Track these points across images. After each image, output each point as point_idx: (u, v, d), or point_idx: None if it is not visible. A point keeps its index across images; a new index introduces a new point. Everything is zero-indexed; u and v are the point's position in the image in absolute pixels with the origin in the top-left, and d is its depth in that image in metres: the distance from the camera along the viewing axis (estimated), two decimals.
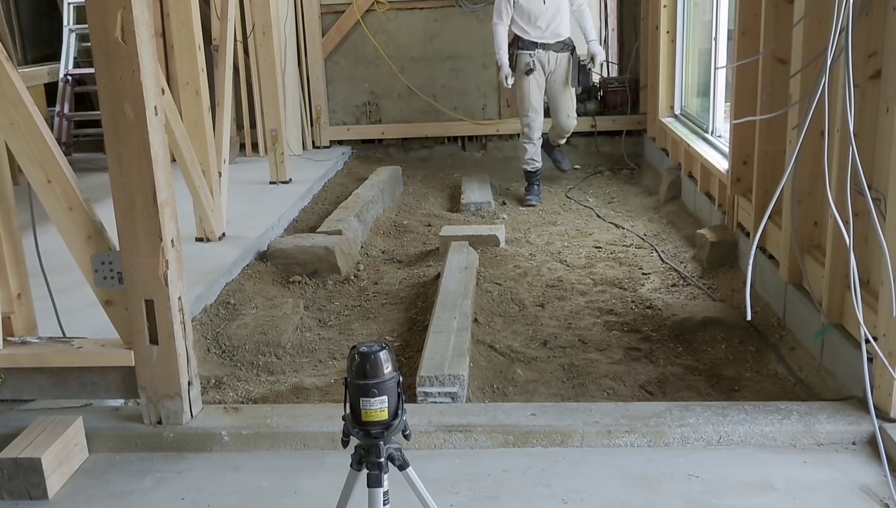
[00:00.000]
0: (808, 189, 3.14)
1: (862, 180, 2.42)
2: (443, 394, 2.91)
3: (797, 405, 2.69)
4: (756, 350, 3.42)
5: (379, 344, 1.78)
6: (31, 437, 2.53)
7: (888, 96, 2.53)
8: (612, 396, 3.12)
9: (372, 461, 1.79)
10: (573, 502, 2.33)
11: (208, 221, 4.60)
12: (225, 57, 5.34)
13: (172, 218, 2.62)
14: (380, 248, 5.18)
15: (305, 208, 5.92)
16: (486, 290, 4.13)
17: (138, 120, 2.45)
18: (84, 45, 7.07)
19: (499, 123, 7.70)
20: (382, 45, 7.64)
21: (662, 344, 3.55)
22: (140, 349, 2.65)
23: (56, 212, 2.64)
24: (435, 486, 2.31)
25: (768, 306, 3.68)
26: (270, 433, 2.67)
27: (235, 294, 4.12)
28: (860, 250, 2.58)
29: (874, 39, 2.63)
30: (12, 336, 2.81)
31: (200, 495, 2.45)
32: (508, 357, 3.45)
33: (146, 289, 2.59)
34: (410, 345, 3.62)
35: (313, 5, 7.55)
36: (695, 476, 2.42)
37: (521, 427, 2.62)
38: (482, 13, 7.50)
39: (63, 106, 6.94)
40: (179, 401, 2.68)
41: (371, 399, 1.74)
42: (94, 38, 2.42)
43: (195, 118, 4.50)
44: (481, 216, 5.82)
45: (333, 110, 7.89)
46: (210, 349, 3.63)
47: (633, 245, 4.97)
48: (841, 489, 2.33)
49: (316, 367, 3.55)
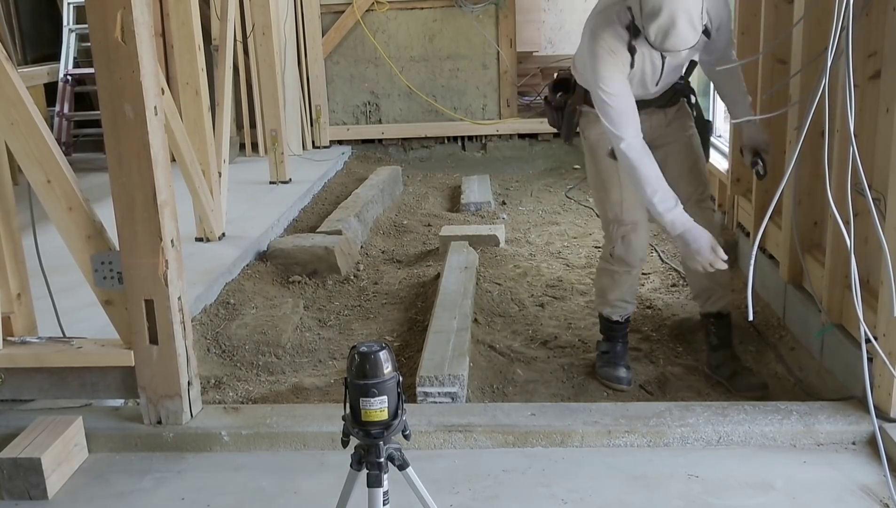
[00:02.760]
0: (808, 189, 3.13)
1: (862, 180, 2.42)
2: (443, 394, 2.91)
3: (797, 405, 2.68)
4: (756, 350, 3.42)
5: (379, 344, 1.77)
6: (31, 437, 2.52)
7: (888, 96, 2.52)
8: (611, 396, 3.12)
9: (372, 461, 1.79)
10: (573, 502, 2.33)
11: (208, 221, 4.60)
12: (225, 57, 5.35)
13: (172, 218, 2.62)
14: (380, 248, 5.17)
15: (305, 208, 5.92)
16: (486, 290, 4.13)
17: (138, 120, 2.45)
18: (84, 45, 7.05)
19: (499, 122, 7.70)
20: (382, 44, 7.64)
21: (662, 344, 3.55)
22: (140, 349, 2.65)
23: (56, 212, 2.63)
24: (435, 486, 2.31)
25: (768, 306, 3.68)
26: (270, 433, 2.67)
27: (235, 294, 4.12)
28: (860, 250, 2.58)
29: (874, 39, 2.63)
30: (12, 336, 2.81)
31: (200, 495, 2.44)
32: (508, 357, 3.45)
33: (146, 289, 2.59)
34: (410, 345, 3.62)
35: (313, 5, 7.55)
36: (694, 476, 2.42)
37: (521, 427, 2.62)
38: (482, 13, 7.51)
39: (63, 106, 6.93)
40: (179, 401, 2.68)
41: (371, 399, 1.74)
42: (94, 38, 2.42)
43: (195, 118, 4.50)
44: (481, 216, 5.82)
45: (333, 110, 7.89)
46: (210, 349, 3.63)
47: None
48: (841, 489, 2.33)
49: (316, 367, 3.55)
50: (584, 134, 3.11)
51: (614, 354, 3.25)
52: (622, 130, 2.72)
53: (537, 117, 7.92)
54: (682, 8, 2.49)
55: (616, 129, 2.73)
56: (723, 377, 3.16)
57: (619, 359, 3.24)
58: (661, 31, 2.53)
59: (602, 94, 2.73)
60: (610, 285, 3.19)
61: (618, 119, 2.73)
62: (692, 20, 2.52)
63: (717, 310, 3.20)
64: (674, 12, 2.49)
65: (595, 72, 2.74)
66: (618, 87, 2.73)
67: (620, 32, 2.69)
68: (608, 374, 3.20)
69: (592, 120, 2.98)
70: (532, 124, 7.75)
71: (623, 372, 3.19)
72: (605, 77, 2.72)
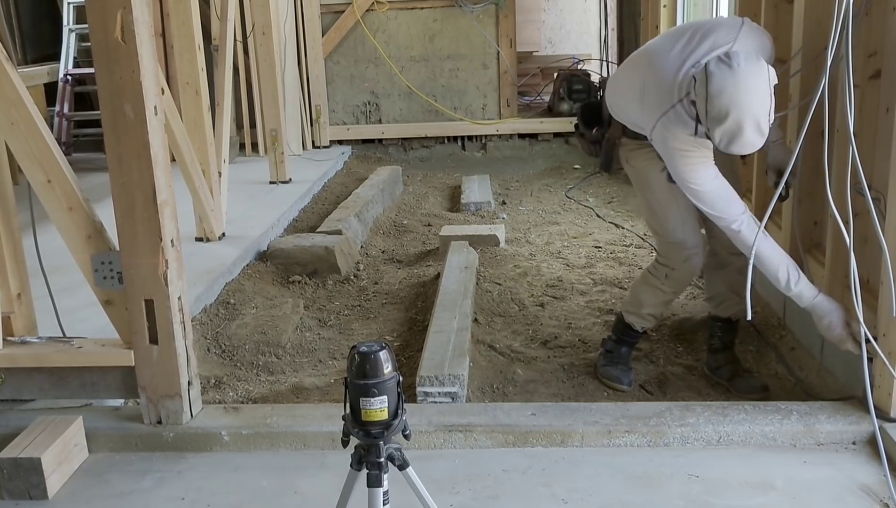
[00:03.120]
0: (808, 189, 3.13)
1: (862, 180, 2.42)
2: (443, 394, 2.91)
3: (797, 405, 2.68)
4: (756, 350, 3.42)
5: (379, 344, 1.77)
6: (31, 437, 2.52)
7: (888, 96, 2.52)
8: (611, 396, 3.12)
9: (372, 461, 1.79)
10: (573, 502, 2.33)
11: (208, 221, 4.60)
12: (225, 57, 5.35)
13: (172, 218, 2.62)
14: (380, 248, 5.18)
15: (305, 207, 5.92)
16: (486, 290, 4.13)
17: (138, 120, 2.45)
18: (84, 45, 7.06)
19: (499, 122, 7.70)
20: (382, 44, 7.65)
21: (662, 344, 3.55)
22: (140, 348, 2.65)
23: (56, 212, 2.63)
24: (435, 486, 2.31)
25: (768, 306, 3.68)
26: (270, 433, 2.67)
27: (235, 294, 4.12)
28: (860, 250, 2.58)
29: (874, 39, 2.63)
30: (12, 336, 2.81)
31: (200, 495, 2.44)
32: (508, 357, 3.45)
33: (146, 289, 2.59)
34: (410, 345, 3.62)
35: (313, 5, 7.55)
36: (695, 476, 2.42)
37: (521, 427, 2.62)
38: (482, 13, 7.51)
39: (63, 106, 6.94)
40: (179, 401, 2.68)
41: (371, 399, 1.74)
42: (94, 39, 2.42)
43: (195, 118, 4.50)
44: (481, 216, 5.82)
45: (333, 110, 7.89)
46: (210, 348, 3.63)
47: (633, 245, 4.97)
48: (841, 489, 2.33)
49: (316, 367, 3.55)
50: (630, 163, 3.01)
51: (618, 355, 3.25)
52: (728, 212, 2.64)
53: (537, 117, 7.93)
54: (749, 114, 2.35)
55: (721, 213, 2.65)
56: (723, 378, 3.16)
57: (622, 361, 3.24)
58: (726, 136, 2.40)
59: (695, 186, 2.64)
60: (651, 302, 3.14)
61: (720, 204, 2.65)
62: (759, 125, 2.38)
63: (727, 316, 3.18)
64: (740, 119, 2.35)
65: (679, 170, 2.65)
66: (707, 174, 2.64)
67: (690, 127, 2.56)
68: (610, 374, 3.21)
69: (635, 148, 2.94)
70: (532, 124, 7.76)
71: (625, 373, 3.20)
72: (692, 171, 2.63)
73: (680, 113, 2.60)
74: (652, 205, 3.02)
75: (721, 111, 2.36)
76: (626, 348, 3.25)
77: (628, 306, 3.22)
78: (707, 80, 2.39)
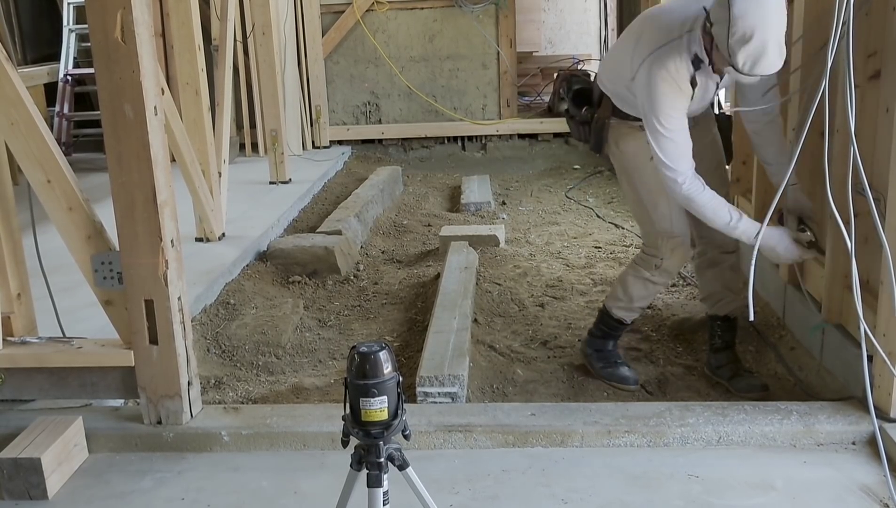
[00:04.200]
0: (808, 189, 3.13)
1: (863, 180, 2.42)
2: (443, 394, 2.91)
3: (797, 405, 2.68)
4: (756, 350, 3.42)
5: (379, 344, 1.77)
6: (31, 437, 2.52)
7: (888, 96, 2.52)
8: (611, 396, 3.12)
9: (372, 461, 1.78)
10: (573, 502, 2.33)
11: (208, 221, 4.60)
12: (225, 57, 5.35)
13: (172, 218, 2.62)
14: (380, 248, 5.18)
15: (305, 208, 5.92)
16: (486, 290, 4.13)
17: (138, 120, 2.45)
18: (84, 45, 7.06)
19: (499, 123, 7.70)
20: (382, 45, 7.65)
21: (662, 344, 3.55)
22: (140, 349, 2.65)
23: (56, 212, 2.64)
24: (435, 486, 2.31)
25: (768, 305, 3.68)
26: (270, 433, 2.67)
27: (235, 294, 4.12)
28: (860, 250, 2.58)
29: (874, 39, 2.63)
30: (12, 336, 2.81)
31: (200, 495, 2.44)
32: (508, 357, 3.45)
33: (146, 289, 2.59)
34: (410, 345, 3.62)
35: (313, 5, 7.55)
36: (694, 476, 2.42)
37: (521, 427, 2.62)
38: (482, 13, 7.51)
39: (63, 106, 6.94)
40: (179, 401, 2.68)
41: (371, 399, 1.74)
42: (94, 38, 2.42)
43: (195, 118, 4.50)
44: (481, 216, 5.82)
45: (333, 110, 7.90)
46: (210, 349, 3.63)
47: (633, 245, 4.97)
48: (841, 489, 2.33)
49: (316, 367, 3.55)
50: (620, 147, 3.00)
51: (609, 352, 3.24)
52: (678, 164, 2.68)
53: (537, 117, 7.93)
54: (772, 33, 2.44)
55: (671, 162, 2.68)
56: (723, 378, 3.16)
57: (618, 358, 3.24)
58: (750, 57, 2.45)
59: (661, 128, 2.68)
60: (643, 295, 3.14)
61: (674, 153, 2.68)
62: (780, 45, 2.46)
63: (724, 314, 3.19)
64: (765, 38, 2.42)
65: (656, 106, 2.68)
66: (678, 123, 2.69)
67: (687, 67, 2.65)
68: (614, 375, 3.20)
69: (626, 133, 2.96)
70: (532, 124, 7.76)
71: (629, 372, 3.20)
72: (667, 113, 2.67)
73: (679, 46, 2.66)
74: (640, 193, 3.00)
75: (746, 32, 2.42)
76: (612, 341, 3.26)
77: (618, 303, 3.19)
78: (730, 3, 2.44)
